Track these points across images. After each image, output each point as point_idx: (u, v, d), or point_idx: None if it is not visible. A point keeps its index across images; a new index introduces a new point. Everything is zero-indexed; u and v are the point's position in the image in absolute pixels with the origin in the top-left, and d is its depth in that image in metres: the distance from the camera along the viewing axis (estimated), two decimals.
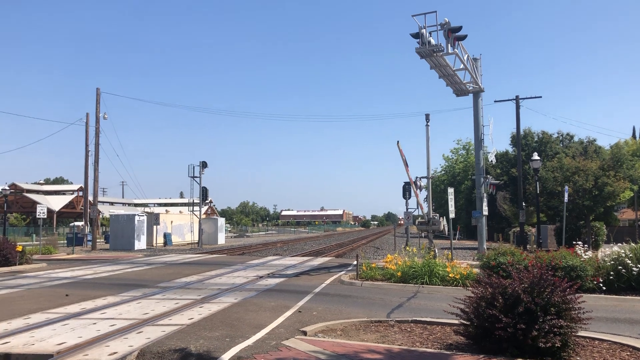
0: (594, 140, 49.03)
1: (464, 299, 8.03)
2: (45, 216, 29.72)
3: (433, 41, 18.41)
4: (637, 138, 79.78)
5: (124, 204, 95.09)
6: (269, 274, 19.88)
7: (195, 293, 14.58)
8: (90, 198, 42.30)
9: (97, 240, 41.61)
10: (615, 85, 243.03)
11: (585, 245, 17.67)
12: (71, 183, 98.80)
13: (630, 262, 13.77)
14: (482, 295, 7.68)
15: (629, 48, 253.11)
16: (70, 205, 76.06)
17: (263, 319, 10.54)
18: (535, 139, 50.15)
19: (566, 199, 28.25)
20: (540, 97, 42.28)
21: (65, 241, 44.54)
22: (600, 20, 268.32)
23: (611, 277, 13.92)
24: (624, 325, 10.26)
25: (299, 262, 26.02)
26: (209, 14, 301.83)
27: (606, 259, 14.69)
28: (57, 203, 73.78)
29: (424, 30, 18.12)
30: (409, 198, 30.13)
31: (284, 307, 12.02)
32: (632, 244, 14.98)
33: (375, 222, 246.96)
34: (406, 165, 24.78)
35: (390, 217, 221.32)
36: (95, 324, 10.06)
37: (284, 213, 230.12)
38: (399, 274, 16.42)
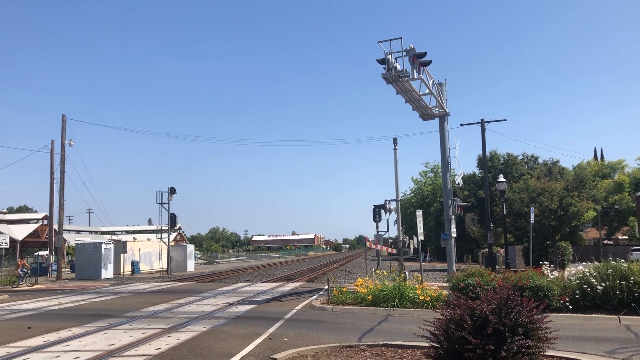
0: (558, 161, 50.30)
1: (434, 321, 8.04)
2: (7, 246, 28.89)
3: (399, 67, 18.71)
4: (599, 159, 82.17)
5: (90, 232, 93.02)
6: (239, 301, 19.64)
7: (163, 322, 14.30)
8: (56, 226, 41.21)
9: (63, 269, 40.55)
10: (577, 108, 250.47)
11: (552, 265, 17.97)
12: (35, 212, 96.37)
13: (594, 280, 14.03)
14: (451, 317, 7.70)
15: (592, 73, 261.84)
16: (34, 234, 74.00)
17: (233, 347, 10.39)
18: (501, 161, 51.14)
19: (532, 219, 28.79)
20: (505, 120, 43.45)
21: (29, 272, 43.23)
22: (562, 48, 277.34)
23: (577, 296, 14.15)
24: (590, 344, 10.42)
25: (270, 288, 25.78)
26: (177, 40, 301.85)
27: (572, 278, 14.94)
28: (21, 232, 71.72)
29: (389, 56, 18.41)
30: (379, 221, 30.29)
31: (254, 335, 11.87)
32: (596, 263, 15.29)
33: (347, 246, 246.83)
34: None
35: (361, 241, 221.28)
36: (58, 357, 9.76)
37: (255, 238, 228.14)
38: (370, 297, 16.41)
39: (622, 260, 14.84)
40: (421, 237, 22.90)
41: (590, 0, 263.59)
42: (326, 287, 19.14)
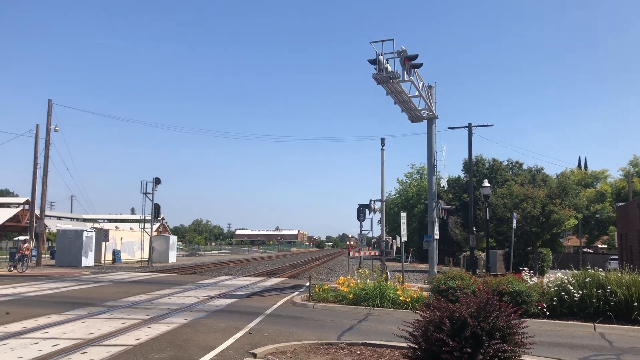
0: (542, 168, 50.90)
1: (413, 322, 8.12)
2: None
3: (390, 68, 18.79)
4: (582, 168, 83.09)
5: (72, 219, 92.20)
6: (220, 294, 19.64)
7: (143, 313, 14.26)
8: (37, 212, 40.79)
9: (43, 256, 40.18)
10: (564, 117, 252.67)
11: (532, 271, 18.20)
12: (17, 196, 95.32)
13: (572, 288, 14.25)
14: (430, 319, 7.79)
15: (580, 83, 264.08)
16: (15, 218, 73.22)
17: (213, 341, 10.41)
18: (487, 166, 51.59)
19: (515, 225, 29.12)
20: (492, 125, 43.63)
21: (8, 256, 42.79)
22: (552, 56, 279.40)
23: (555, 303, 14.36)
24: (565, 350, 10.60)
25: (252, 283, 25.80)
26: (168, 29, 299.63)
27: (550, 284, 15.16)
28: (1, 216, 70.96)
29: (381, 57, 18.47)
30: (363, 220, 30.38)
31: (235, 329, 11.90)
32: (575, 270, 15.53)
33: (330, 243, 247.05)
34: None
35: (344, 239, 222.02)
36: (36, 343, 9.71)
37: (238, 232, 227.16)
38: (351, 296, 16.50)
39: (600, 269, 15.11)
40: (404, 238, 23.04)
41: (582, 9, 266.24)
42: (308, 284, 19.19)
